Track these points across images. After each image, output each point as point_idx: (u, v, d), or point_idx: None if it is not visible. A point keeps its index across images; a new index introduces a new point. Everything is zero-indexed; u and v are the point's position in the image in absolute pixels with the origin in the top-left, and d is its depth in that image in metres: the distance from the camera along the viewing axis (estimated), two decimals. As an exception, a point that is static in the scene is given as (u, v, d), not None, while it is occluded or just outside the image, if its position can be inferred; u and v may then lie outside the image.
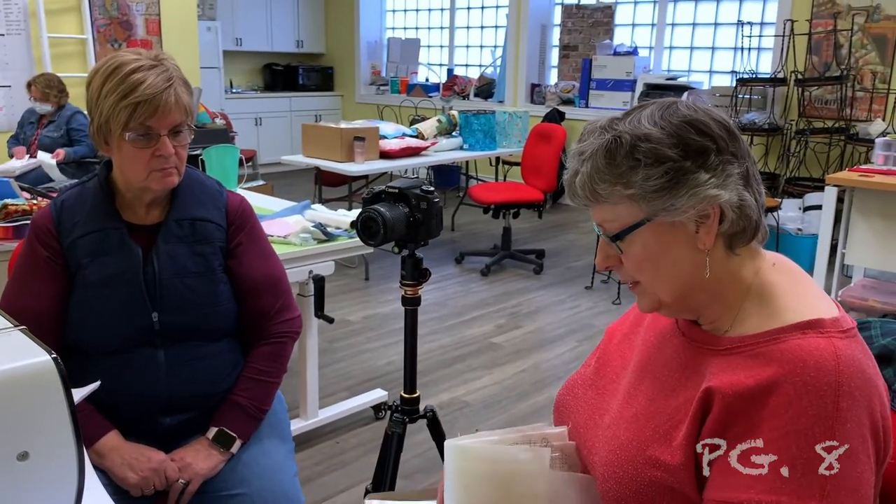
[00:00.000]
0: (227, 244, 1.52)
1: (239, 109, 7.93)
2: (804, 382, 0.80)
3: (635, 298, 0.98)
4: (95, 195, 1.47)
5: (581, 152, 0.91)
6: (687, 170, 0.86)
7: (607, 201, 0.90)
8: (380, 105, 8.01)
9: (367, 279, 4.62)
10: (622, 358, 1.07)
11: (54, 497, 0.67)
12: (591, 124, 0.93)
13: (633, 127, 0.88)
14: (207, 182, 1.55)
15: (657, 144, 0.86)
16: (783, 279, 0.92)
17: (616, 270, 0.96)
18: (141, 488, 1.39)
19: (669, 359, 0.97)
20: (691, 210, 0.87)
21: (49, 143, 4.69)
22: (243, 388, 1.51)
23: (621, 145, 0.87)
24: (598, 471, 0.96)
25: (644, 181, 0.86)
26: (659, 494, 0.88)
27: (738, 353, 0.88)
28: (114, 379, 1.38)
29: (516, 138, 5.32)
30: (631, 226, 0.89)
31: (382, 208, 1.47)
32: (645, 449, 0.91)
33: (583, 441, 1.02)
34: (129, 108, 1.34)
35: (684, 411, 0.89)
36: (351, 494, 2.35)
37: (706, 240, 0.89)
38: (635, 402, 0.97)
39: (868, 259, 3.52)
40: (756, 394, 0.83)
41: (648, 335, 1.04)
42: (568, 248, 5.45)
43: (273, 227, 2.52)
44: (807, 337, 0.84)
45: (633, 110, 0.91)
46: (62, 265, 1.44)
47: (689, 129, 0.87)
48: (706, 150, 0.87)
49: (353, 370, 3.30)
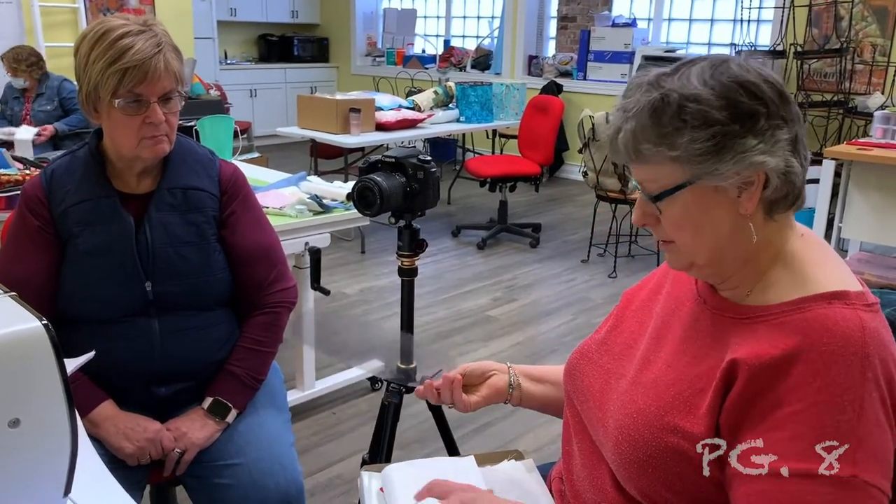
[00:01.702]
0: (219, 213, 1.50)
1: (233, 81, 7.86)
2: (831, 353, 0.79)
3: (631, 272, 0.97)
4: (86, 164, 1.45)
5: (625, 109, 0.88)
6: (734, 134, 0.83)
7: (649, 161, 0.87)
8: (376, 77, 7.94)
9: (363, 252, 4.61)
10: (639, 323, 1.06)
11: (47, 464, 0.66)
12: (638, 78, 0.89)
13: (682, 85, 0.85)
14: (199, 150, 1.53)
15: (706, 106, 0.83)
16: (810, 250, 0.91)
17: (652, 229, 0.94)
18: (137, 458, 1.39)
19: (689, 326, 0.96)
20: (736, 176, 0.84)
21: (44, 117, 4.55)
22: (238, 357, 1.50)
23: (668, 105, 0.84)
24: (612, 433, 0.95)
25: (689, 144, 0.84)
26: (672, 460, 0.88)
27: (763, 322, 0.87)
28: (108, 348, 1.38)
29: (513, 111, 5.28)
30: (672, 188, 0.87)
31: (379, 178, 1.45)
32: (663, 415, 0.90)
33: (597, 404, 1.02)
34: (117, 75, 1.32)
35: (707, 379, 0.89)
36: (347, 464, 2.36)
37: (748, 205, 0.86)
38: (654, 367, 0.96)
39: (864, 233, 3.52)
40: (780, 364, 0.82)
41: (668, 302, 1.03)
42: (564, 221, 5.44)
43: (268, 199, 2.51)
44: (833, 307, 0.83)
45: (682, 65, 0.88)
46: (53, 234, 1.43)
47: (739, 90, 0.84)
48: (756, 113, 0.84)
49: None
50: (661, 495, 0.90)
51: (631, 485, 0.93)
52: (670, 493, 0.89)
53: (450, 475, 1.11)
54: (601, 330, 1.13)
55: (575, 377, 1.09)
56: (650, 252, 4.55)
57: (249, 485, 1.37)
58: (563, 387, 1.13)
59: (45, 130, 4.38)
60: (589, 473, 1.02)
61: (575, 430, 1.08)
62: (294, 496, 1.41)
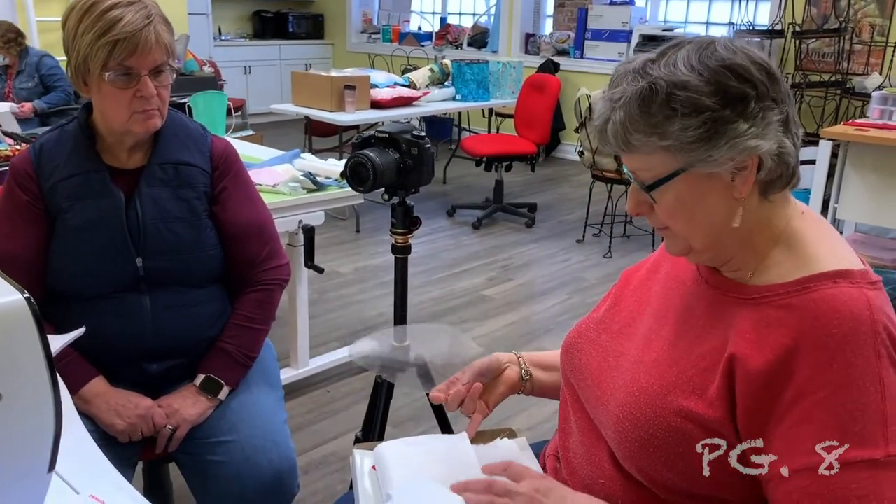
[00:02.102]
0: (211, 189, 1.49)
1: (228, 57, 7.78)
2: (843, 335, 0.79)
3: (626, 253, 0.96)
4: (75, 138, 1.43)
5: (612, 98, 0.86)
6: (726, 119, 0.82)
7: (641, 151, 0.86)
8: (371, 54, 7.87)
9: (357, 231, 4.59)
10: (638, 302, 1.05)
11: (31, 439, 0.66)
12: (624, 66, 0.88)
13: (669, 72, 0.83)
14: (191, 125, 1.51)
15: (695, 93, 0.81)
16: (812, 228, 0.90)
17: (647, 217, 0.93)
18: (128, 434, 1.38)
19: (692, 305, 0.95)
20: (729, 161, 0.83)
21: (26, 94, 4.48)
22: (230, 334, 1.49)
23: (657, 94, 0.83)
24: (613, 412, 0.95)
25: (681, 132, 0.82)
26: (674, 440, 0.88)
27: (768, 304, 0.85)
28: (99, 324, 1.36)
29: (510, 89, 5.24)
30: (665, 176, 0.86)
31: (372, 153, 1.44)
32: (666, 394, 0.89)
33: (597, 382, 1.01)
34: (107, 47, 1.29)
35: (710, 360, 0.88)
36: (341, 442, 2.37)
37: (742, 189, 0.85)
38: (655, 346, 0.96)
39: (860, 214, 3.51)
40: (788, 356, 0.80)
41: (668, 281, 1.02)
42: (560, 201, 5.43)
43: (262, 176, 2.49)
44: (839, 287, 0.82)
45: (667, 50, 0.86)
46: (43, 209, 1.41)
47: (727, 74, 0.82)
48: (746, 97, 0.82)
49: (345, 321, 3.30)
50: (662, 474, 0.89)
51: (630, 463, 0.92)
52: (671, 473, 0.89)
53: (442, 453, 1.10)
54: (599, 309, 1.12)
55: (573, 356, 1.08)
56: (645, 232, 4.54)
57: (242, 462, 1.37)
58: (561, 366, 1.12)
59: (23, 108, 4.32)
60: (587, 451, 1.01)
61: (573, 409, 1.08)
62: (287, 473, 1.41)
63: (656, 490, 0.91)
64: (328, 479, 2.20)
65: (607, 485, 0.96)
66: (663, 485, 0.90)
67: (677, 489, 0.89)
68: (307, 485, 2.14)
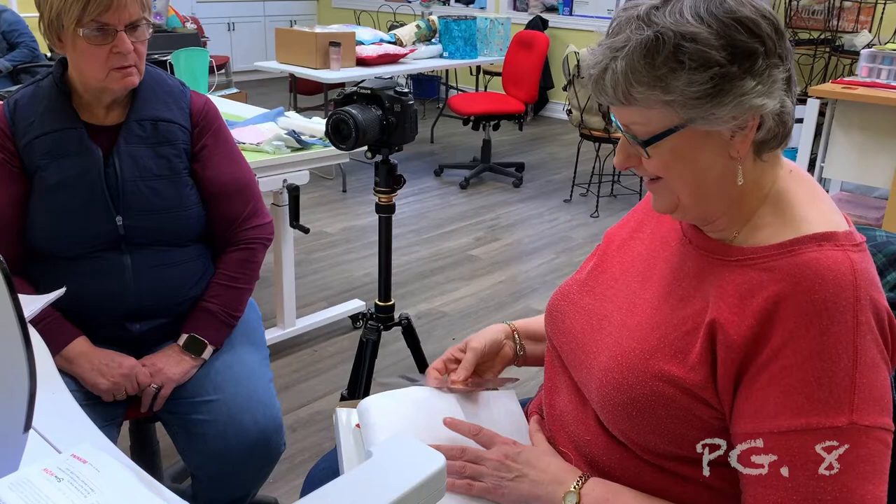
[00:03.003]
0: (191, 146, 1.46)
1: (210, 14, 7.62)
2: (823, 300, 0.78)
3: (613, 212, 0.95)
4: (50, 94, 1.39)
5: (614, 47, 0.81)
6: (733, 76, 0.78)
7: (639, 104, 0.82)
8: (357, 10, 7.73)
9: (344, 191, 4.57)
10: (621, 263, 1.04)
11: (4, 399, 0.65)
12: (625, 11, 0.83)
13: (676, 21, 0.79)
14: (170, 81, 1.48)
15: (704, 46, 0.77)
16: (799, 188, 0.89)
17: (636, 169, 0.90)
18: (112, 393, 1.38)
19: (675, 267, 0.94)
20: (732, 120, 0.81)
21: None
22: (214, 294, 1.48)
23: (663, 45, 0.78)
24: (597, 376, 0.94)
25: (686, 87, 0.78)
26: (657, 404, 0.87)
27: (751, 266, 0.84)
28: (80, 284, 1.35)
29: (498, 46, 5.17)
30: (662, 132, 0.83)
31: (354, 110, 1.41)
32: (648, 358, 0.89)
33: (580, 345, 1.00)
34: (81, 2, 1.26)
35: (693, 325, 0.87)
36: (328, 401, 2.38)
37: (741, 147, 0.83)
38: (638, 310, 0.95)
39: (846, 173, 3.52)
40: (767, 317, 0.80)
41: (653, 242, 1.01)
42: (548, 161, 5.40)
43: (245, 134, 2.45)
44: (823, 250, 0.81)
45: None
46: (19, 167, 1.38)
47: (737, 27, 0.78)
48: (755, 53, 0.79)
49: (331, 281, 3.30)
50: (645, 437, 0.90)
51: (615, 427, 0.92)
52: (654, 436, 0.89)
53: (427, 404, 1.10)
54: (583, 270, 1.11)
55: (556, 318, 1.07)
56: (632, 192, 4.53)
57: (227, 420, 1.38)
58: (545, 328, 1.11)
59: None
60: (573, 410, 1.01)
61: (560, 369, 1.07)
62: (272, 431, 1.41)
63: (639, 452, 0.92)
64: (315, 437, 2.22)
65: (592, 442, 0.97)
66: (647, 447, 0.90)
67: (661, 451, 0.90)
68: (294, 443, 2.16)
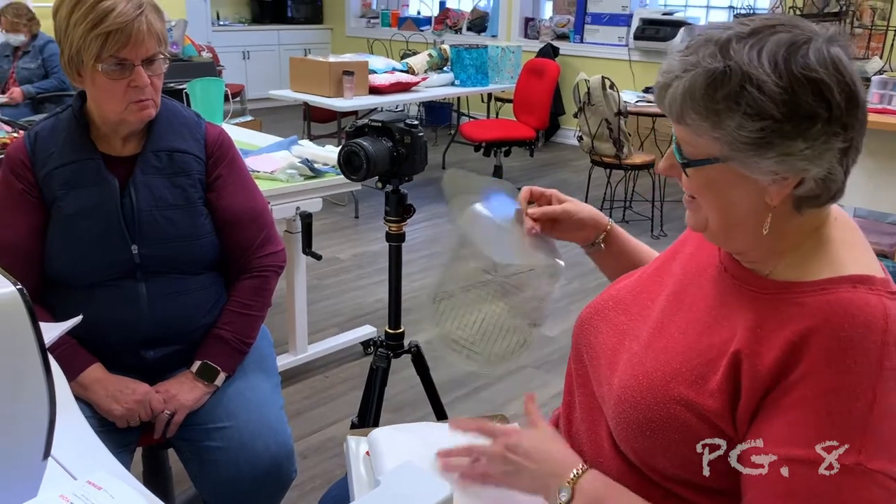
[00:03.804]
0: (206, 176, 1.49)
1: (226, 42, 7.74)
2: (850, 339, 0.77)
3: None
4: (69, 126, 1.43)
5: (685, 62, 0.82)
6: (784, 134, 0.77)
7: (689, 127, 0.83)
8: (370, 39, 7.84)
9: (356, 217, 4.60)
10: (657, 284, 1.04)
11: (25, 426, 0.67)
12: (710, 32, 0.82)
13: (749, 61, 0.78)
14: (185, 113, 1.52)
15: (765, 96, 0.77)
16: (840, 234, 0.89)
17: (679, 180, 0.91)
18: (126, 419, 1.40)
19: (709, 294, 0.94)
20: (771, 174, 0.81)
21: (27, 74, 4.60)
22: (227, 321, 1.51)
23: (727, 82, 0.78)
24: (615, 392, 0.94)
25: (735, 129, 0.79)
26: (671, 428, 0.87)
27: (783, 300, 0.84)
28: (96, 312, 1.38)
29: (509, 74, 5.23)
30: (703, 159, 0.84)
31: (365, 142, 1.44)
32: (669, 381, 0.89)
33: (608, 361, 1.01)
34: (100, 39, 1.30)
35: (717, 351, 0.87)
36: (339, 427, 2.39)
37: (775, 196, 0.83)
38: (667, 332, 0.95)
39: (858, 199, 3.51)
40: (790, 353, 0.80)
41: (689, 267, 1.01)
42: (559, 186, 5.37)
43: (259, 163, 2.49)
44: (857, 292, 0.81)
45: (762, 30, 0.80)
46: (38, 197, 1.42)
47: (806, 86, 0.77)
48: (815, 117, 0.77)
49: (343, 307, 3.31)
50: (656, 460, 0.90)
51: (627, 445, 0.92)
52: (665, 460, 0.89)
53: (435, 440, 1.12)
54: (615, 286, 1.11)
55: (587, 331, 1.07)
56: (645, 217, 4.54)
57: (239, 447, 1.39)
58: (573, 338, 1.11)
59: (12, 94, 4.40)
60: (587, 427, 1.02)
61: (578, 383, 1.08)
62: (283, 458, 1.42)
63: (650, 474, 0.92)
64: (326, 464, 2.22)
65: (605, 463, 0.97)
66: (657, 470, 0.91)
67: (671, 475, 0.90)
68: (305, 470, 2.17)
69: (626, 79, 6.00)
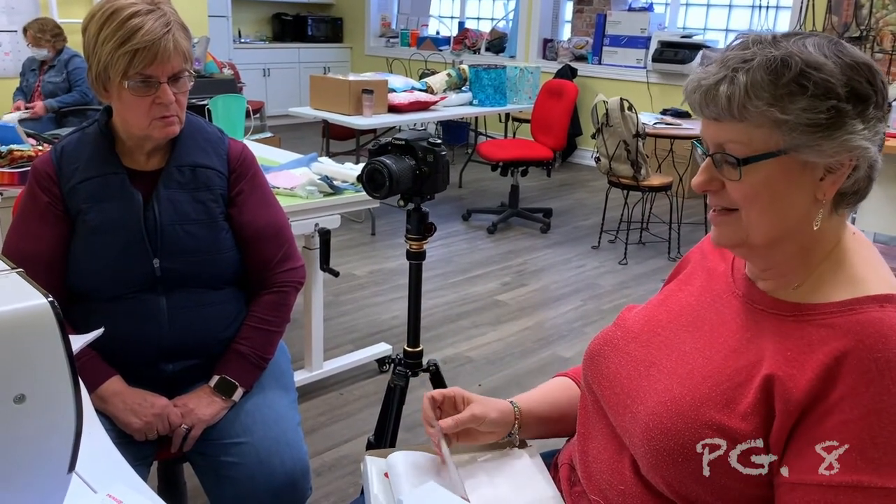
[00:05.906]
0: (228, 192, 1.51)
1: (247, 60, 7.83)
2: (886, 360, 0.77)
3: (642, 260, 0.95)
4: (95, 141, 1.45)
5: (743, 58, 0.82)
6: (848, 114, 0.80)
7: (749, 120, 0.82)
8: (389, 58, 7.90)
9: (373, 234, 4.61)
10: (668, 313, 1.04)
11: (52, 439, 0.67)
12: (748, 36, 0.84)
13: (801, 50, 0.81)
14: (208, 129, 1.53)
15: (829, 77, 0.79)
16: (861, 250, 0.89)
17: (712, 196, 0.89)
18: (144, 433, 1.40)
19: (727, 319, 0.94)
20: (834, 156, 0.82)
21: (52, 88, 4.69)
22: (246, 336, 1.51)
23: (790, 67, 0.80)
24: (643, 420, 0.93)
25: (803, 112, 0.80)
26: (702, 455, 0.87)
27: (809, 322, 0.84)
28: (116, 324, 1.38)
29: (527, 94, 5.25)
30: (763, 153, 0.83)
31: (388, 160, 1.45)
32: (699, 406, 0.88)
33: (626, 391, 1.00)
34: (127, 56, 1.32)
35: (745, 375, 0.87)
36: (354, 445, 2.38)
37: (829, 190, 0.84)
38: (689, 358, 0.95)
39: (880, 224, 3.48)
40: (825, 376, 0.80)
41: (703, 294, 1.01)
42: (576, 207, 5.42)
43: (279, 179, 2.51)
44: (886, 311, 0.81)
45: (792, 34, 0.83)
46: (63, 210, 1.43)
47: (859, 71, 0.81)
48: (869, 99, 0.81)
49: (359, 324, 3.31)
50: (689, 488, 0.88)
51: (656, 474, 0.91)
52: (699, 487, 0.87)
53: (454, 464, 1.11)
54: (625, 317, 1.10)
55: (598, 363, 1.06)
56: (661, 239, 4.52)
57: (255, 463, 1.38)
58: (583, 372, 1.10)
59: (34, 108, 4.49)
60: (609, 457, 1.01)
61: (594, 416, 1.07)
62: (300, 475, 1.42)
63: (678, 501, 0.90)
64: (340, 481, 2.21)
65: (626, 492, 0.96)
66: (688, 497, 0.89)
67: (701, 502, 0.89)
68: (319, 487, 2.16)
69: (644, 101, 6.01)
